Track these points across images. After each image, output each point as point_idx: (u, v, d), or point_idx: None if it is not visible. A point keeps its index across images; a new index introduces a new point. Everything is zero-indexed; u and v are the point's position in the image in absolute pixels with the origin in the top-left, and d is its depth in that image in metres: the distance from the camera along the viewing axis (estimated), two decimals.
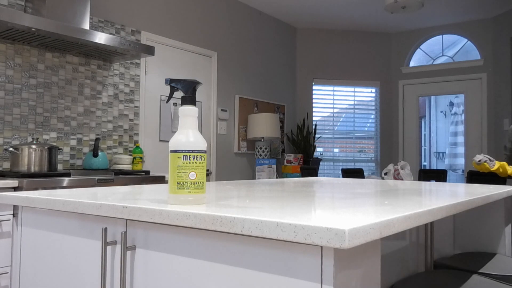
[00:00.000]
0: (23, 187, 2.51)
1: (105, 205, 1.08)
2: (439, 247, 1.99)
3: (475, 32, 5.92)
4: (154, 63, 4.18)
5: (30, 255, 1.36)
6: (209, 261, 0.94)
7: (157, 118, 4.21)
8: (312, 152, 5.89)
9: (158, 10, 4.23)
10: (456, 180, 6.94)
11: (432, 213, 1.04)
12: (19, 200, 1.32)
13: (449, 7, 5.47)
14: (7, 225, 2.42)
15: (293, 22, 6.08)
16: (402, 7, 4.41)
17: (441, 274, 1.58)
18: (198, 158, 1.07)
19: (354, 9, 5.55)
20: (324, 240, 0.74)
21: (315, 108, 6.37)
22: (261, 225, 0.82)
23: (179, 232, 0.99)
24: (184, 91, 1.11)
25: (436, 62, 6.27)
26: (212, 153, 4.82)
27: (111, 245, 1.12)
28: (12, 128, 3.09)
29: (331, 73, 6.36)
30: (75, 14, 3.16)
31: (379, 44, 6.49)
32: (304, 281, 0.81)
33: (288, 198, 1.24)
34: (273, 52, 5.81)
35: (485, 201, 1.47)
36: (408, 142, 6.39)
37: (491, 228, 2.11)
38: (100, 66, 3.68)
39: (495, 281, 1.52)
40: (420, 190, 1.63)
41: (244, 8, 5.32)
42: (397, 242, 1.63)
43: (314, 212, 0.93)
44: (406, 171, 3.84)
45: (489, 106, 5.81)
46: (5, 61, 3.07)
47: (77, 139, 3.49)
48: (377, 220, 0.82)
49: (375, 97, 6.51)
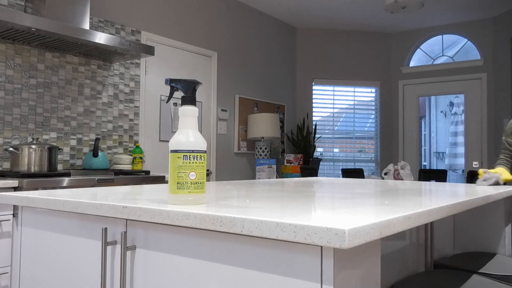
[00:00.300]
0: (23, 187, 2.51)
1: (105, 205, 1.08)
2: (439, 247, 1.99)
3: (475, 32, 5.92)
4: (154, 63, 4.18)
5: (30, 255, 1.36)
6: (209, 261, 0.94)
7: (157, 118, 4.21)
8: (312, 152, 5.89)
9: (158, 10, 4.23)
10: (456, 180, 6.94)
11: (432, 213, 1.04)
12: (19, 200, 1.32)
13: (449, 7, 5.47)
14: (7, 225, 2.43)
15: (293, 22, 6.08)
16: (402, 7, 4.41)
17: (441, 274, 1.58)
18: (198, 158, 1.07)
19: (354, 9, 5.55)
20: (324, 240, 0.74)
21: (315, 108, 6.37)
22: (261, 225, 0.82)
23: (179, 232, 0.99)
24: (184, 91, 1.12)
25: (436, 62, 6.27)
26: (212, 153, 4.82)
27: (111, 245, 1.12)
28: (12, 128, 3.09)
29: (331, 73, 6.36)
30: (75, 14, 3.16)
31: (379, 44, 6.49)
32: (304, 281, 0.81)
33: (288, 198, 1.24)
34: (273, 52, 5.81)
35: (485, 201, 1.47)
36: (408, 142, 6.39)
37: (491, 228, 2.11)
38: (100, 66, 3.68)
39: (495, 281, 1.52)
40: (420, 190, 1.63)
41: (244, 8, 5.32)
42: (397, 242, 1.63)
43: (314, 212, 0.93)
44: (406, 171, 3.84)
45: (489, 106, 5.81)
46: (5, 61, 3.07)
47: (77, 139, 3.49)
48: (377, 220, 0.82)
49: (375, 97, 6.51)
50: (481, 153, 5.83)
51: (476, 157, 5.88)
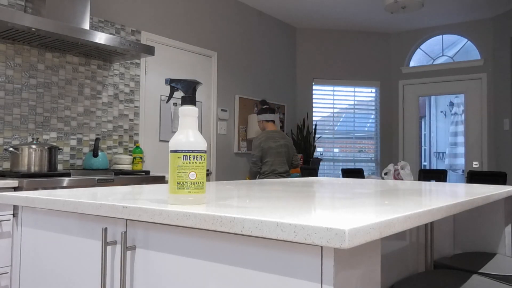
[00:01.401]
0: (23, 187, 2.51)
1: (105, 205, 1.08)
2: (439, 247, 1.99)
3: (475, 32, 5.92)
4: (154, 63, 4.18)
5: (30, 255, 1.36)
6: (209, 261, 0.94)
7: (157, 118, 4.21)
8: (312, 152, 5.89)
9: (158, 10, 4.23)
10: (456, 180, 6.94)
11: (432, 213, 1.04)
12: (19, 200, 1.32)
13: (449, 7, 5.47)
14: (7, 225, 2.42)
15: (293, 22, 6.08)
16: (402, 7, 4.41)
17: (441, 274, 1.58)
18: (198, 158, 1.07)
19: (354, 9, 5.55)
20: (324, 240, 0.74)
21: (315, 108, 6.37)
22: (261, 225, 0.82)
23: (179, 232, 0.99)
24: (184, 91, 1.11)
25: (436, 62, 6.27)
26: (212, 153, 4.82)
27: (111, 245, 1.12)
28: (12, 128, 3.09)
29: (331, 73, 6.36)
30: (75, 14, 3.16)
31: (379, 44, 6.49)
32: (304, 281, 0.81)
33: (288, 198, 1.24)
34: (273, 52, 5.81)
35: (485, 201, 1.47)
36: (408, 142, 6.39)
37: (491, 228, 2.11)
38: (100, 66, 3.68)
39: (495, 281, 1.52)
40: (420, 190, 1.63)
41: (244, 8, 5.32)
42: (397, 242, 1.63)
43: (314, 212, 0.93)
44: (406, 171, 3.84)
45: (489, 106, 5.81)
46: (5, 61, 3.07)
47: (77, 139, 3.49)
48: (377, 220, 0.82)
49: (375, 97, 6.51)
50: (481, 153, 5.83)
51: (476, 157, 5.88)
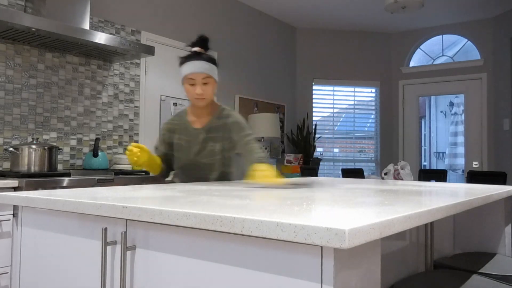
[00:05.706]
0: (23, 187, 2.51)
1: (105, 205, 1.08)
2: (439, 247, 1.99)
3: (475, 32, 5.92)
4: (154, 63, 4.18)
5: (30, 255, 1.36)
6: (209, 261, 0.94)
7: (157, 118, 4.21)
8: (312, 152, 5.89)
9: (158, 10, 4.23)
10: (456, 180, 6.94)
11: (432, 213, 1.04)
12: (19, 200, 1.32)
13: (449, 7, 5.47)
14: (7, 225, 2.42)
15: (293, 22, 6.08)
16: (402, 7, 4.41)
17: (441, 274, 1.58)
18: None
19: (354, 9, 5.55)
20: (324, 240, 0.74)
21: (315, 108, 6.37)
22: (261, 225, 0.82)
23: (179, 232, 0.99)
24: None
25: (436, 62, 6.27)
26: None
27: (111, 245, 1.12)
28: (12, 128, 3.09)
29: (331, 73, 6.36)
30: (75, 14, 3.16)
31: (379, 44, 6.49)
32: (304, 281, 0.81)
33: (288, 198, 1.24)
34: (273, 52, 5.81)
35: (485, 201, 1.47)
36: (408, 142, 6.39)
37: (491, 228, 2.11)
38: (100, 66, 3.68)
39: (495, 281, 1.52)
40: (420, 190, 1.63)
41: (244, 8, 5.31)
42: (397, 242, 1.63)
43: (314, 212, 0.93)
44: (406, 171, 3.84)
45: (489, 106, 5.81)
46: (5, 61, 3.06)
47: (77, 139, 3.49)
48: (377, 220, 0.82)
49: (375, 97, 6.51)
50: (481, 153, 5.83)
51: (476, 157, 5.88)
